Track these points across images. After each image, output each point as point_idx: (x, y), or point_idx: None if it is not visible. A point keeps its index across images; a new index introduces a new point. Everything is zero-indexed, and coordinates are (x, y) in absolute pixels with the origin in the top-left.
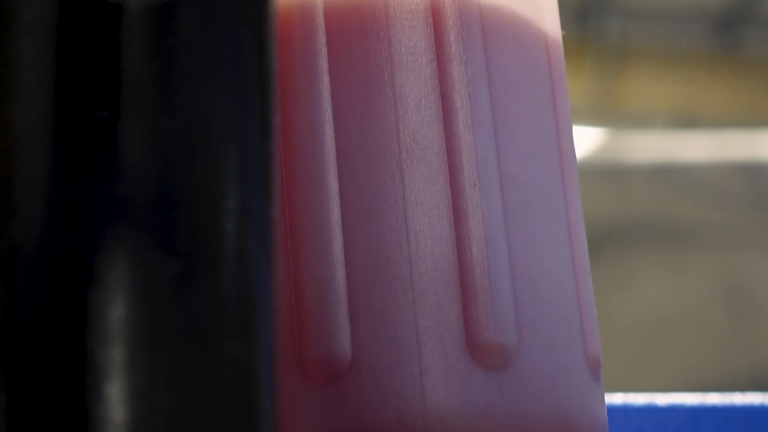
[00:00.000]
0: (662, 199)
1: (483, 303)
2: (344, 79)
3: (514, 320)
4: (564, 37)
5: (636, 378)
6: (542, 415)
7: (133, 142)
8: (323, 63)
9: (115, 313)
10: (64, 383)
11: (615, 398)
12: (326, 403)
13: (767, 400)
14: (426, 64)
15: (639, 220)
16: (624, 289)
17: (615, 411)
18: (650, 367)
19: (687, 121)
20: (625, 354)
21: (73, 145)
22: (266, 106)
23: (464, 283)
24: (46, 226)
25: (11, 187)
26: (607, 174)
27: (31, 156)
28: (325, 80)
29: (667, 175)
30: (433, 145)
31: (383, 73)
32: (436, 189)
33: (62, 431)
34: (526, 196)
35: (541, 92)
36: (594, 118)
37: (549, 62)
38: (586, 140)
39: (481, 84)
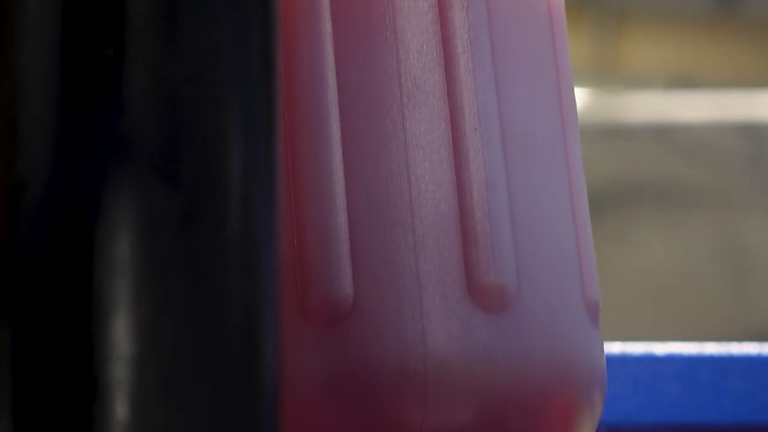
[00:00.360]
0: (660, 160)
1: (483, 247)
2: (346, 25)
3: (513, 264)
4: None
5: (633, 336)
6: (541, 358)
7: (139, 81)
8: (325, 9)
9: (121, 249)
10: (71, 318)
11: (613, 347)
12: (328, 344)
13: (764, 350)
14: (427, 10)
15: (637, 180)
16: (621, 248)
17: (613, 360)
18: (647, 325)
19: (685, 81)
20: (623, 313)
21: (79, 84)
22: (269, 49)
23: (465, 227)
24: (52, 163)
25: (18, 126)
26: (605, 134)
27: (38, 94)
28: (327, 26)
29: (665, 135)
30: (434, 90)
31: (385, 18)
32: (438, 133)
33: (70, 365)
34: (526, 141)
35: (542, 43)
36: (593, 79)
37: (550, 15)
38: (585, 101)
39: (481, 30)
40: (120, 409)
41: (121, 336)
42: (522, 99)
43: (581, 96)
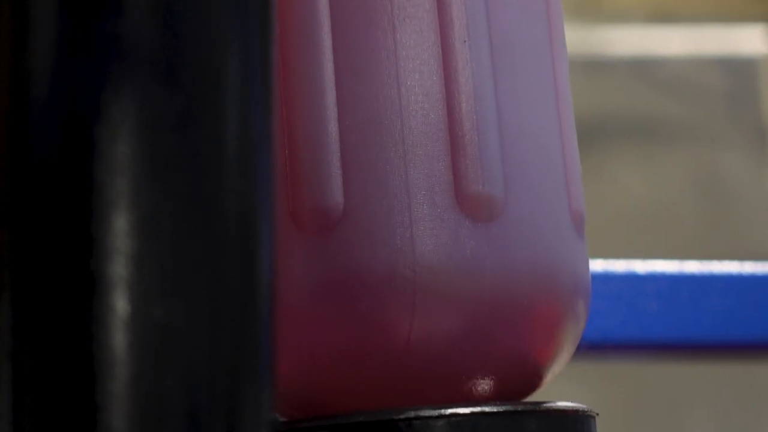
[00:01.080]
0: (639, 93)
1: (471, 156)
2: None
3: (501, 173)
4: None
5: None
6: (528, 267)
7: None
8: None
9: (122, 147)
10: (71, 215)
11: (595, 265)
12: (318, 251)
13: (744, 269)
14: None
15: (616, 113)
16: (599, 181)
17: (595, 278)
18: (626, 254)
19: (665, 15)
20: (601, 245)
21: None
22: None
23: (453, 137)
24: (53, 65)
25: (18, 27)
26: (584, 68)
27: None
28: None
29: (644, 69)
30: (424, 2)
31: None
32: (427, 45)
33: (70, 261)
34: (514, 53)
35: None
36: (572, 13)
37: None
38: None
39: None
40: (120, 303)
41: (121, 233)
42: (510, 8)
43: None
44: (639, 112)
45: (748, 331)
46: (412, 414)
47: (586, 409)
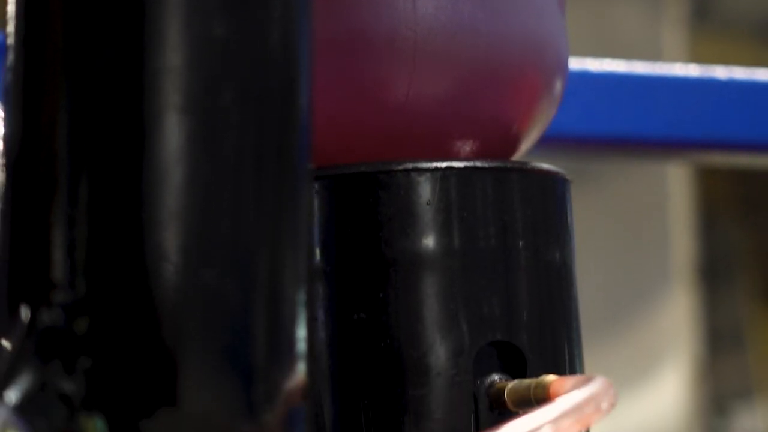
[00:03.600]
0: None
1: None
2: None
3: None
4: None
5: None
6: (519, 35)
7: None
8: None
9: None
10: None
11: None
12: (323, 12)
13: (690, 71)
14: None
15: None
16: None
17: None
18: None
19: None
20: None
21: None
22: None
23: None
24: None
25: None
26: None
27: None
28: None
29: None
30: None
31: None
32: None
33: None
34: None
35: None
36: None
37: None
38: None
39: None
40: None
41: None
42: None
43: None
44: None
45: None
46: (410, 166)
47: (565, 174)
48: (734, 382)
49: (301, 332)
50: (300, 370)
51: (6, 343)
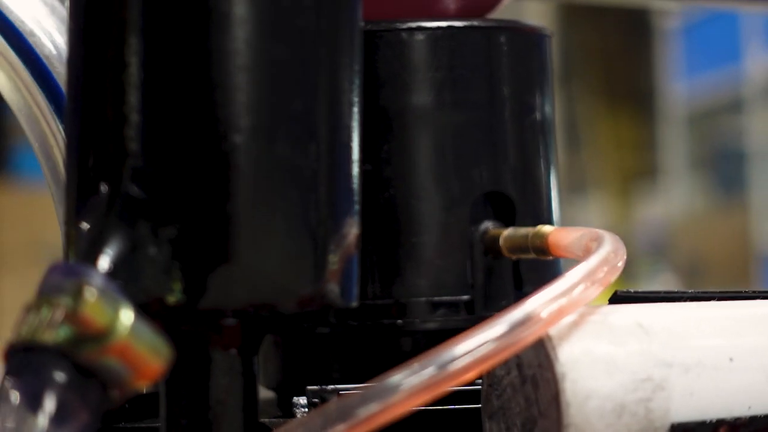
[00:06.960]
0: None
1: None
2: None
3: None
4: None
5: None
6: None
7: None
8: None
9: None
10: None
11: None
12: None
13: None
14: None
15: None
16: None
17: None
18: None
19: None
20: None
21: None
22: None
23: None
24: None
25: None
26: None
27: None
28: None
29: None
30: None
31: None
32: None
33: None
34: None
35: None
36: None
37: None
38: None
39: None
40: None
41: None
42: None
43: None
44: None
45: None
46: (413, 25)
47: (546, 30)
48: (570, 178)
49: (357, 193)
50: (356, 224)
51: (91, 216)
